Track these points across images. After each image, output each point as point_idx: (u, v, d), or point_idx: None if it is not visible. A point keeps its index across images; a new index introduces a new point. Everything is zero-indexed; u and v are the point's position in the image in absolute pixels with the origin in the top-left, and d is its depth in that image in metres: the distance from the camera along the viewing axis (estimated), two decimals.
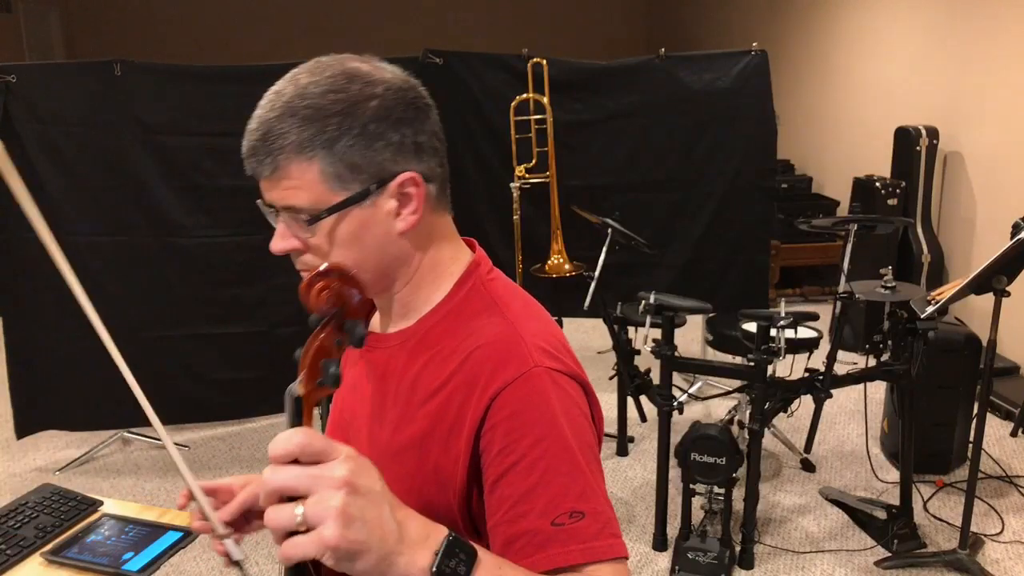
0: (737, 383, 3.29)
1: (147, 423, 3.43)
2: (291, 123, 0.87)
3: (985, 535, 2.86)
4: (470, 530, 0.90)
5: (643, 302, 2.81)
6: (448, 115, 0.96)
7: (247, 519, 1.05)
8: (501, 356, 0.89)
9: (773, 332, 2.67)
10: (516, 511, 0.84)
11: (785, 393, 2.80)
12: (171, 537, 1.37)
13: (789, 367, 2.92)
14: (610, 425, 3.53)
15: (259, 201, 0.94)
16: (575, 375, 0.92)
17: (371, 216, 0.91)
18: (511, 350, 0.89)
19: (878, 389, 3.61)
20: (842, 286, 3.10)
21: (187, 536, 1.39)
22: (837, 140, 6.19)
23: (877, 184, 4.77)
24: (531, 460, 0.84)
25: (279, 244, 0.92)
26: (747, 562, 2.71)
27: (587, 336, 4.79)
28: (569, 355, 0.94)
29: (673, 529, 2.85)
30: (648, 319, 2.80)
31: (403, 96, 0.91)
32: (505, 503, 0.85)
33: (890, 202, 4.74)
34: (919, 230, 4.78)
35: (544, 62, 3.71)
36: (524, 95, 3.72)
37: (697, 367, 3.22)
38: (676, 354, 2.74)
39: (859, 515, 2.96)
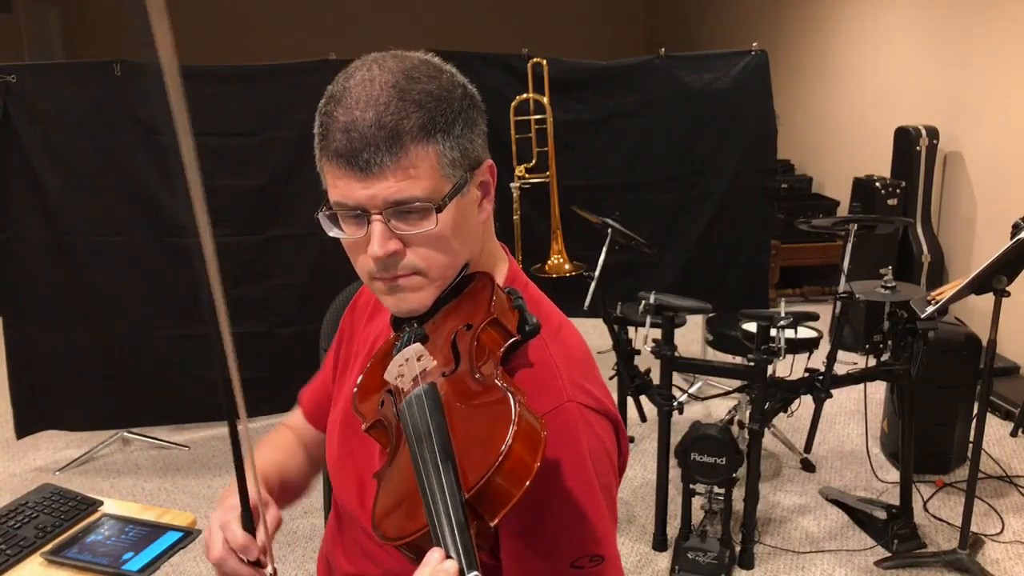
0: (737, 383, 3.29)
1: (146, 423, 3.44)
2: (409, 107, 0.82)
3: (985, 535, 2.86)
4: (487, 554, 0.88)
5: (643, 302, 2.81)
6: None
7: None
8: (536, 385, 0.86)
9: (773, 332, 2.67)
10: (538, 547, 0.83)
11: (785, 393, 2.80)
12: (171, 537, 1.37)
13: (789, 367, 2.92)
14: None
15: (333, 206, 0.86)
16: (606, 411, 0.90)
17: (467, 205, 0.89)
18: (546, 380, 0.87)
19: (878, 389, 3.61)
20: (842, 286, 3.10)
21: (187, 536, 1.39)
22: (837, 140, 6.19)
23: (877, 184, 4.77)
24: (556, 500, 0.83)
25: (386, 247, 0.84)
26: (747, 562, 2.71)
27: (587, 336, 4.73)
28: (599, 384, 0.93)
29: (673, 529, 2.85)
30: (648, 319, 2.80)
31: (472, 90, 0.91)
32: (527, 537, 0.84)
33: (890, 202, 4.74)
34: (919, 230, 4.78)
35: (544, 62, 3.71)
36: (524, 95, 3.72)
37: (697, 367, 3.22)
38: (676, 354, 2.74)
39: (859, 515, 2.96)
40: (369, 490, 0.94)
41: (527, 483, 0.68)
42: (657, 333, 2.76)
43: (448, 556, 0.64)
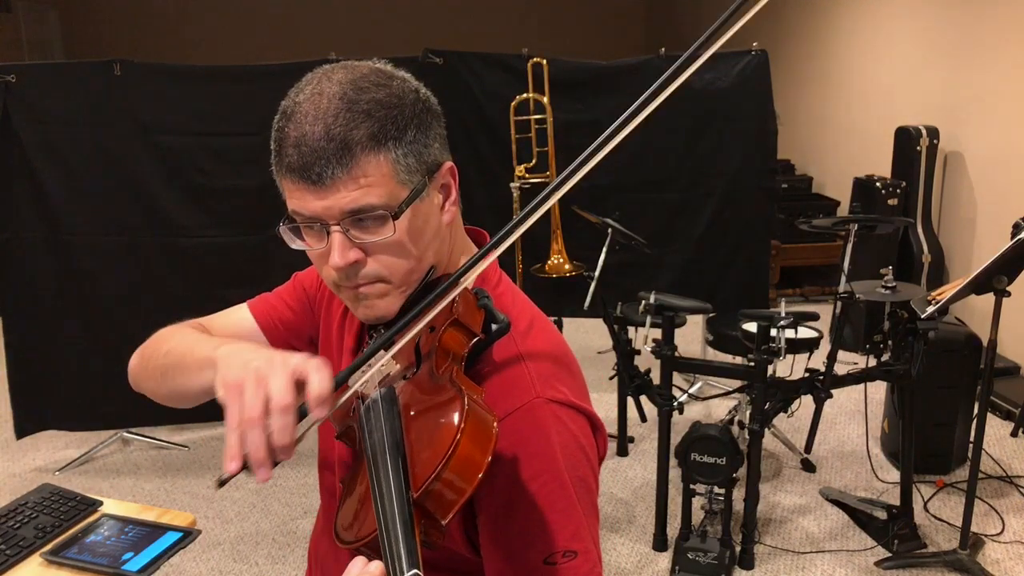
0: (737, 383, 3.29)
1: (146, 423, 3.45)
2: (357, 117, 0.82)
3: (985, 535, 2.86)
4: (470, 551, 0.89)
5: (643, 302, 2.81)
6: (448, 115, 0.96)
7: None
8: (504, 383, 0.87)
9: (773, 332, 2.67)
10: (510, 545, 0.84)
11: (785, 393, 2.79)
12: (171, 537, 1.37)
13: (789, 367, 2.92)
14: (610, 425, 3.53)
15: (294, 220, 0.87)
16: (577, 407, 0.89)
17: (428, 209, 0.89)
18: (514, 378, 0.87)
19: (878, 389, 3.61)
20: (842, 286, 3.10)
21: (187, 536, 1.39)
22: (837, 140, 6.19)
23: (877, 184, 4.77)
24: (527, 498, 0.83)
25: (346, 256, 0.85)
26: (747, 562, 2.70)
27: (587, 336, 4.79)
28: (574, 382, 0.92)
29: (673, 529, 2.85)
30: (648, 319, 2.80)
31: (426, 93, 0.91)
32: (499, 535, 0.84)
33: (890, 202, 4.74)
34: (919, 230, 4.78)
35: (544, 62, 3.71)
36: (524, 95, 3.72)
37: (697, 367, 3.22)
38: (676, 354, 2.74)
39: (859, 515, 2.96)
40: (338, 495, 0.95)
41: (477, 479, 0.68)
42: (657, 333, 2.76)
43: (387, 556, 0.64)
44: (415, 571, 0.63)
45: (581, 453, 0.88)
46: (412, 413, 0.77)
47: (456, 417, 0.70)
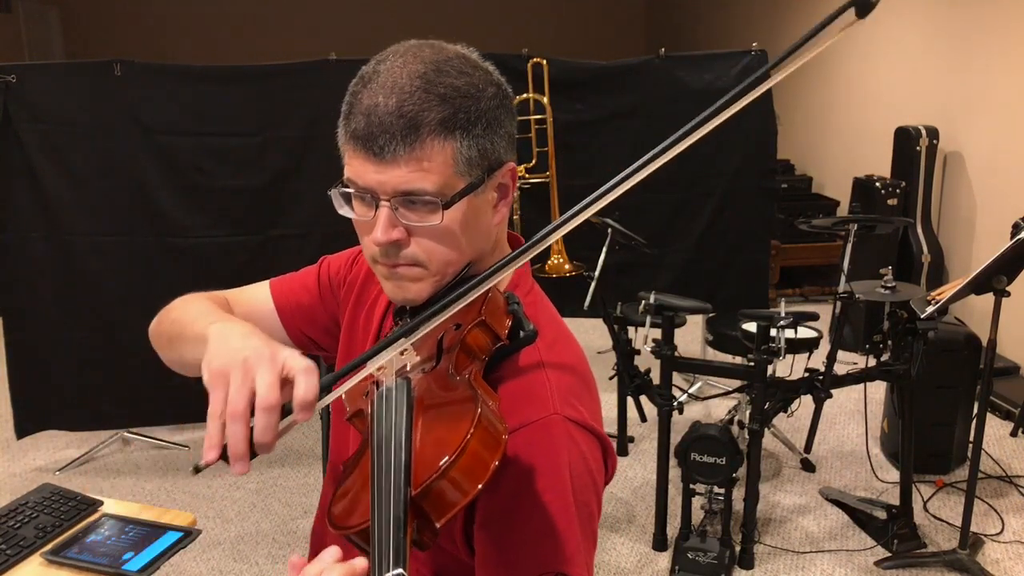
0: (737, 383, 3.29)
1: (146, 423, 3.43)
2: (432, 100, 0.81)
3: (985, 535, 2.86)
4: (471, 557, 0.88)
5: (643, 302, 2.81)
6: None
7: None
8: (523, 393, 0.85)
9: (773, 332, 2.67)
10: (503, 557, 0.82)
11: (785, 393, 2.80)
12: (171, 537, 1.37)
13: (789, 367, 2.92)
14: (610, 425, 3.53)
15: (345, 186, 0.86)
16: (592, 429, 0.88)
17: (480, 205, 0.88)
18: (534, 390, 0.86)
19: (878, 389, 3.61)
20: (842, 286, 3.10)
21: (187, 536, 1.39)
22: (837, 140, 6.19)
23: (877, 184, 4.77)
24: (528, 511, 0.81)
25: (389, 234, 0.84)
26: (747, 562, 2.71)
27: (587, 336, 4.79)
28: (591, 404, 0.91)
29: (673, 529, 2.85)
30: (648, 319, 2.80)
31: (507, 89, 0.90)
32: (495, 546, 0.83)
33: (890, 202, 4.74)
34: (919, 230, 4.78)
35: (544, 62, 3.71)
36: (524, 95, 3.72)
37: (697, 367, 3.22)
38: (676, 354, 2.74)
39: (859, 515, 2.96)
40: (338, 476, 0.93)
41: (478, 488, 0.67)
42: (657, 333, 2.76)
43: (375, 550, 0.63)
44: (399, 570, 0.62)
45: (589, 478, 0.86)
46: (424, 408, 0.76)
47: (467, 421, 0.69)
